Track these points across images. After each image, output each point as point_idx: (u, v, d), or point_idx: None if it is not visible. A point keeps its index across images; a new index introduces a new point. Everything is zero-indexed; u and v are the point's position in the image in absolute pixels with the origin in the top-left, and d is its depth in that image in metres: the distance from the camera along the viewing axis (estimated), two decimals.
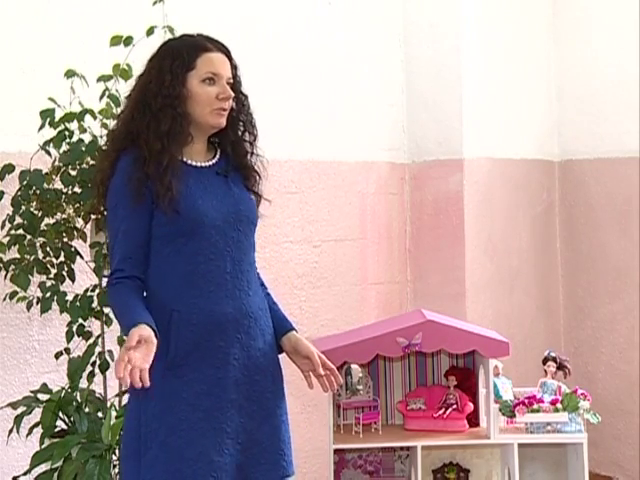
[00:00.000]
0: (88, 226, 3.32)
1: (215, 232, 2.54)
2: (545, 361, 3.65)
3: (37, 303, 3.31)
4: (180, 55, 2.56)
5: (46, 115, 3.30)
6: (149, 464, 2.47)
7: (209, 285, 2.52)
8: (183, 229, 2.51)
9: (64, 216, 3.30)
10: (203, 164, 2.62)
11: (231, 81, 2.62)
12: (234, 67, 2.65)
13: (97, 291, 3.31)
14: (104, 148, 2.77)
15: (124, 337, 2.43)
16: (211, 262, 2.53)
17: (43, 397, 3.30)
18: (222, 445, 2.49)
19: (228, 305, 2.53)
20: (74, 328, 3.31)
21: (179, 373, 2.48)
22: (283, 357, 2.73)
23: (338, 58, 4.67)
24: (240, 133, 2.70)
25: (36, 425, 3.24)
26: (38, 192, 3.27)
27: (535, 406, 3.45)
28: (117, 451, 3.14)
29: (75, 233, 3.32)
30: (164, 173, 2.50)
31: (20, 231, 3.28)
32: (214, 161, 2.65)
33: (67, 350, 3.37)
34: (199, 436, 2.47)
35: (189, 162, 2.59)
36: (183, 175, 2.54)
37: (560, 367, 3.64)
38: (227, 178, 2.64)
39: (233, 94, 2.60)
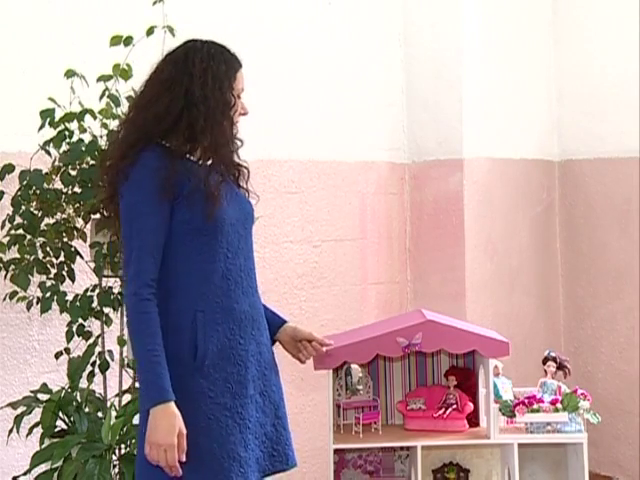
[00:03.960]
0: (88, 226, 3.32)
1: (231, 230, 2.56)
2: (545, 361, 3.65)
3: (37, 303, 3.31)
4: (231, 65, 2.59)
5: (46, 115, 3.30)
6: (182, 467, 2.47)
7: (229, 284, 2.55)
8: (207, 227, 2.51)
9: (64, 216, 3.30)
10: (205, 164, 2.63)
11: None
12: None
13: (97, 291, 3.31)
14: (121, 135, 2.64)
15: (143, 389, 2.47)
16: (228, 260, 2.55)
17: (43, 397, 3.30)
18: (246, 441, 2.54)
19: (245, 303, 2.57)
20: (74, 328, 3.31)
21: (205, 374, 2.50)
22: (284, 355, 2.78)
23: (338, 58, 4.67)
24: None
25: (36, 425, 3.24)
26: (38, 192, 3.27)
27: (535, 406, 3.45)
28: (117, 451, 3.14)
29: (75, 233, 3.32)
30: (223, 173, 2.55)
31: (20, 231, 3.28)
32: (210, 161, 2.65)
33: (67, 350, 3.37)
34: (227, 434, 2.51)
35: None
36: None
37: (560, 367, 3.64)
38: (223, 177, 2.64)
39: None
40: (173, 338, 2.47)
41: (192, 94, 2.51)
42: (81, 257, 3.38)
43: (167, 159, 2.49)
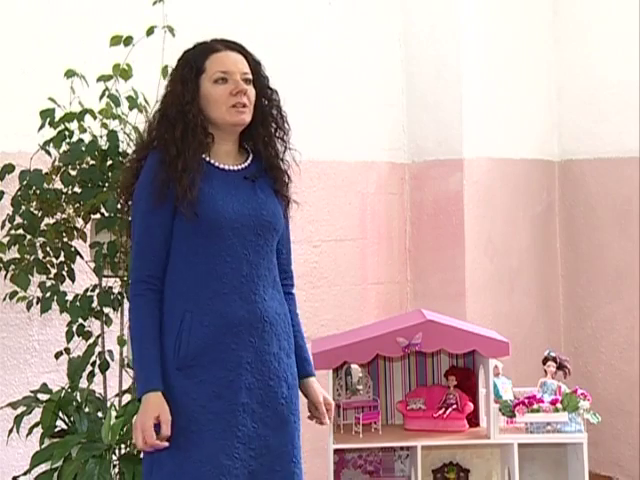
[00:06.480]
0: (88, 226, 3.32)
1: (233, 234, 2.54)
2: (545, 361, 3.65)
3: (37, 303, 3.31)
4: (189, 62, 2.61)
5: (46, 115, 3.30)
6: (160, 464, 2.50)
7: (223, 287, 2.53)
8: (201, 229, 2.53)
9: (64, 216, 3.30)
10: (231, 167, 2.62)
11: (249, 76, 2.63)
12: (256, 63, 2.69)
13: (97, 291, 3.31)
14: (127, 159, 2.84)
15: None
16: (227, 264, 2.54)
17: (43, 397, 3.30)
18: (232, 449, 2.49)
19: (242, 308, 2.54)
20: (74, 328, 3.31)
21: (190, 374, 2.50)
22: None
23: (338, 58, 4.67)
24: (271, 130, 2.71)
25: (36, 425, 3.24)
26: (38, 192, 3.27)
27: (535, 406, 3.45)
28: (117, 451, 3.14)
29: (75, 233, 3.32)
30: (181, 176, 2.52)
31: (20, 231, 3.28)
32: (244, 165, 2.65)
33: (67, 350, 3.37)
34: (208, 438, 2.48)
35: (216, 164, 2.61)
36: (207, 176, 2.56)
37: (560, 367, 3.64)
38: (254, 183, 2.64)
39: (246, 87, 2.60)
40: (164, 337, 2.51)
41: (161, 110, 2.63)
42: (81, 257, 3.38)
43: (165, 164, 2.54)
